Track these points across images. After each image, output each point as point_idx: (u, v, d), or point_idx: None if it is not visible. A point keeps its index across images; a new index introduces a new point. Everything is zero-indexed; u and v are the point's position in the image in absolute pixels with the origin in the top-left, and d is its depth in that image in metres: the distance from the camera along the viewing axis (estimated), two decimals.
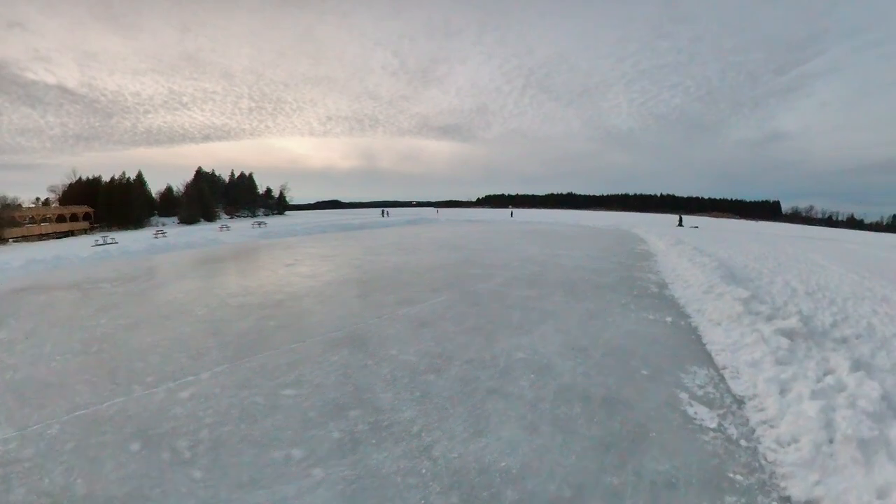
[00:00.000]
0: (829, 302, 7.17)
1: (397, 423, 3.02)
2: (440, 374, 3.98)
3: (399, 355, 4.36)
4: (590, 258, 11.27)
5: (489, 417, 3.25)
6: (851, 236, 29.53)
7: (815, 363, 4.36)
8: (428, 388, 3.66)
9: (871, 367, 4.76)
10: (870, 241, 24.47)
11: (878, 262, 12.72)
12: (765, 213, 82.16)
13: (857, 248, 16.94)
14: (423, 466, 2.55)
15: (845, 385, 3.90)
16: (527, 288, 7.65)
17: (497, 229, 21.60)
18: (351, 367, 3.99)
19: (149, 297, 6.96)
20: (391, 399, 3.41)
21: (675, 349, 4.86)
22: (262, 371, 3.85)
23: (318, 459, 2.58)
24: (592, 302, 6.72)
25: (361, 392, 3.49)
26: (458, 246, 13.91)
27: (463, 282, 8.15)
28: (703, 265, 8.96)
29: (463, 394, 3.61)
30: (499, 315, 6.05)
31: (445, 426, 3.03)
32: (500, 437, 2.95)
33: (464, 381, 3.91)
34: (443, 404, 3.39)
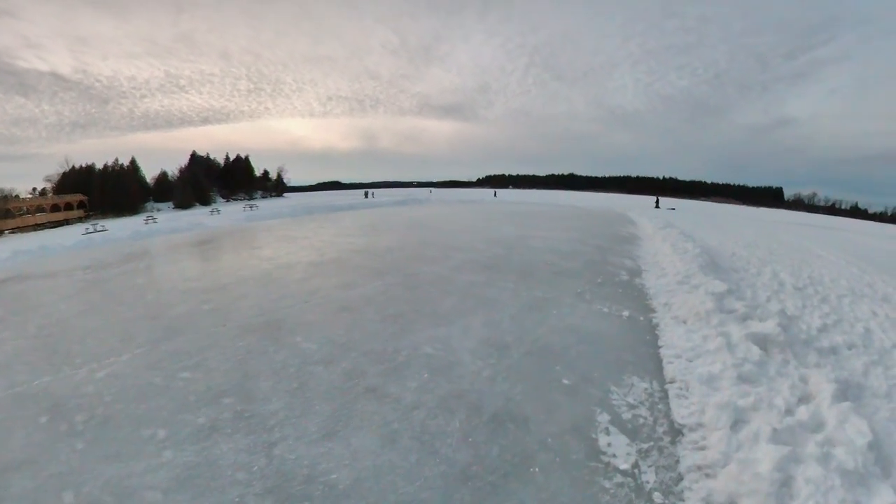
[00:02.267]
0: (821, 300, 6.01)
1: (259, 415, 2.81)
2: (329, 365, 3.51)
3: (302, 342, 3.91)
4: (565, 241, 10.11)
5: (350, 420, 2.77)
6: (854, 225, 27.59)
7: (788, 385, 3.29)
8: (308, 379, 3.26)
9: (861, 392, 3.68)
10: (873, 231, 22.70)
11: (881, 254, 11.37)
12: (767, 199, 78.56)
13: (858, 238, 15.45)
14: (257, 464, 2.37)
15: (823, 422, 2.84)
16: (479, 272, 6.60)
17: (484, 209, 20.33)
18: (252, 352, 3.73)
19: (112, 283, 6.62)
20: (268, 389, 3.13)
21: (620, 352, 3.82)
22: (173, 354, 3.74)
23: (175, 442, 2.55)
24: (544, 290, 5.66)
25: (246, 379, 3.27)
26: (432, 227, 12.84)
27: (414, 265, 7.17)
28: (685, 252, 7.78)
29: (339, 389, 3.13)
30: (430, 302, 5.09)
31: (301, 424, 2.72)
32: (348, 444, 2.51)
33: (348, 376, 3.32)
34: (312, 399, 3.00)
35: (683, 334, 4.10)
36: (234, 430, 2.65)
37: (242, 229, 13.86)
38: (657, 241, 10.68)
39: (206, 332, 4.24)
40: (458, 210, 20.18)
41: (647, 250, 9.33)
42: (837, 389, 3.24)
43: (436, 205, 25.77)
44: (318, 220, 16.20)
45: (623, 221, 15.55)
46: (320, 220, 16.18)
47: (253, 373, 3.36)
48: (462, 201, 30.02)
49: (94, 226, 22.64)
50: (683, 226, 13.61)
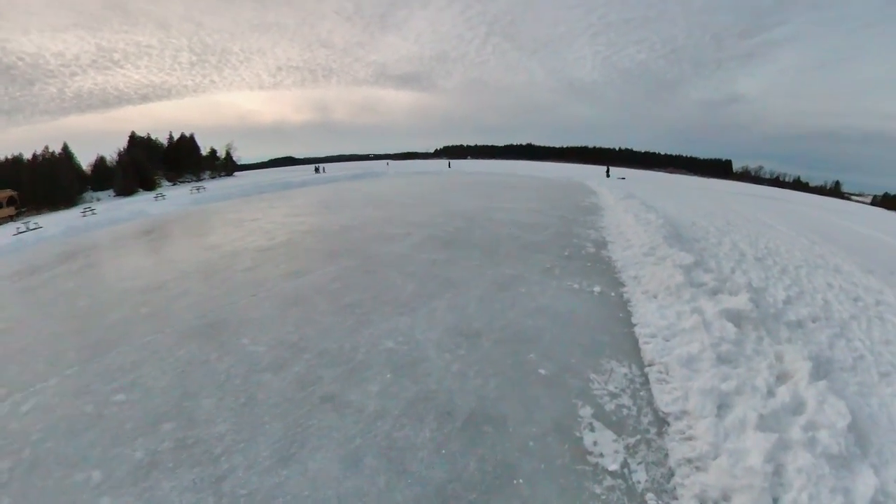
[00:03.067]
0: (781, 271, 6.22)
1: (203, 441, 2.49)
2: (280, 371, 3.13)
3: (248, 345, 3.56)
4: (529, 212, 9.96)
5: (306, 439, 2.45)
6: (796, 197, 29.94)
7: (766, 364, 3.25)
8: (257, 391, 2.92)
9: (831, 366, 3.77)
10: (815, 203, 24.72)
11: (825, 226, 12.22)
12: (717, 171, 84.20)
13: (803, 210, 16.65)
14: None
15: (803, 402, 2.81)
16: (440, 249, 6.25)
17: (443, 181, 19.86)
18: (193, 363, 3.34)
19: (41, 292, 5.89)
20: (212, 407, 2.78)
21: (595, 334, 3.64)
22: (106, 373, 3.31)
23: (112, 485, 2.24)
24: (511, 266, 5.41)
25: (187, 398, 2.90)
26: (390, 201, 12.32)
27: (370, 244, 6.71)
28: (649, 222, 7.83)
29: (292, 401, 2.79)
30: (389, 287, 4.70)
31: (251, 449, 2.41)
32: (305, 471, 2.22)
33: (302, 383, 2.95)
34: (262, 416, 2.66)
35: (656, 311, 3.99)
36: (177, 464, 2.35)
37: (188, 215, 12.92)
38: (619, 211, 10.77)
39: (142, 341, 3.80)
40: (416, 182, 19.58)
41: (610, 221, 9.36)
42: (814, 368, 3.26)
43: (393, 177, 24.95)
44: (269, 199, 15.21)
45: (584, 191, 15.68)
46: (271, 199, 15.20)
47: (194, 389, 2.99)
48: (420, 173, 29.26)
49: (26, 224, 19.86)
50: (642, 195, 13.92)
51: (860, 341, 4.51)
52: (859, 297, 5.78)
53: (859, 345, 4.42)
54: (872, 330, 4.87)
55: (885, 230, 13.91)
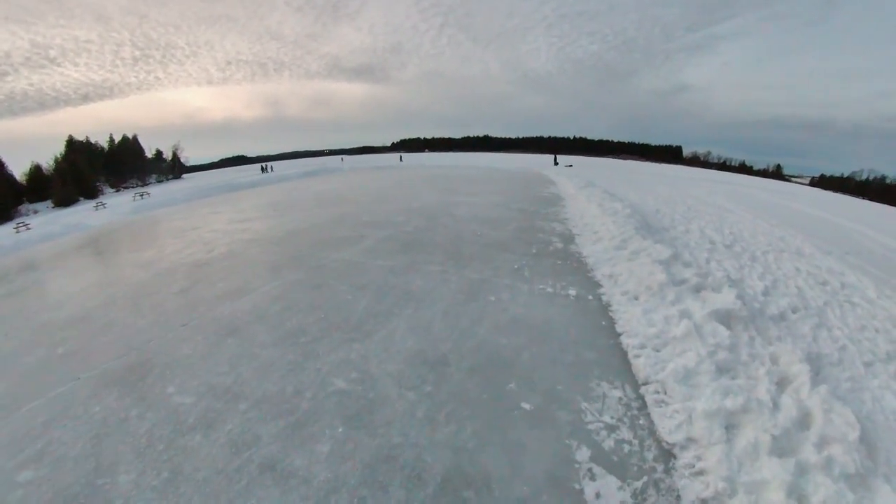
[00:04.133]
0: (751, 258, 6.26)
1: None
2: (211, 430, 2.60)
3: (174, 395, 2.99)
4: (490, 206, 9.64)
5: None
6: (743, 180, 31.93)
7: (765, 371, 3.05)
8: (183, 462, 2.38)
9: (820, 362, 3.67)
10: (761, 185, 26.35)
11: (777, 208, 12.83)
12: (668, 156, 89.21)
13: (752, 192, 17.56)
14: None
15: (810, 414, 2.62)
16: (399, 253, 5.75)
17: (400, 175, 19.26)
18: (110, 422, 2.78)
19: None
20: (130, 486, 2.23)
21: (579, 349, 3.31)
22: (12, 442, 2.70)
23: None
24: (477, 269, 5.01)
25: (101, 473, 2.35)
26: (344, 199, 11.62)
27: (319, 252, 6.10)
28: (615, 212, 7.72)
29: (224, 474, 2.27)
30: (340, 305, 4.16)
31: None
32: None
33: (236, 446, 2.41)
34: (190, 498, 2.12)
35: (641, 315, 3.73)
36: None
37: (126, 225, 11.80)
38: (581, 201, 10.72)
39: (55, 393, 3.20)
40: (373, 177, 18.83)
41: (573, 212, 9.23)
42: (812, 372, 3.11)
43: (349, 173, 23.96)
44: (215, 203, 14.09)
45: (542, 181, 15.65)
46: (217, 202, 14.09)
47: (111, 459, 2.47)
48: (377, 167, 28.39)
49: None
50: (602, 183, 14.05)
51: (839, 329, 4.51)
52: (826, 282, 5.89)
53: (839, 334, 4.41)
54: (846, 316, 4.92)
55: (829, 210, 14.87)
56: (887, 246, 9.67)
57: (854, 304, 5.36)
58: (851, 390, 3.54)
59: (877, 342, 4.48)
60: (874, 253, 8.46)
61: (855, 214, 14.92)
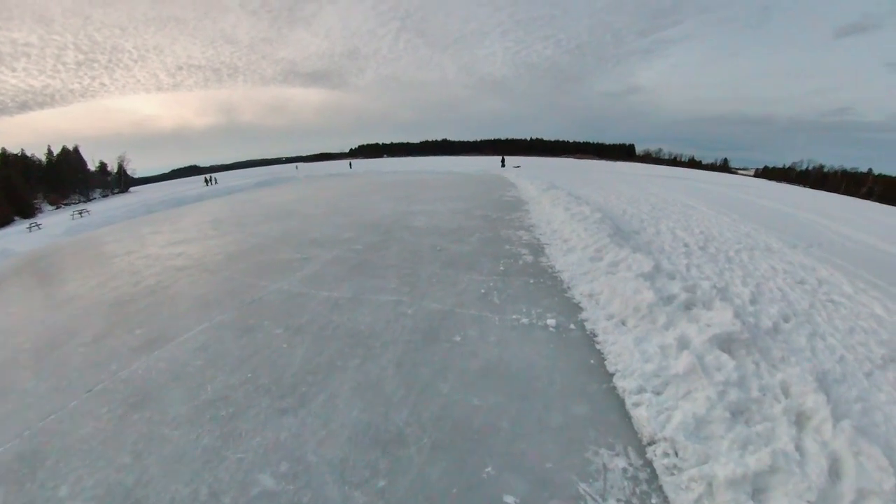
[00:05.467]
0: (727, 259, 5.97)
1: None
2: None
3: (67, 500, 2.24)
4: (450, 214, 9.05)
5: None
6: (695, 174, 33.14)
7: (781, 408, 2.60)
8: None
9: (826, 381, 3.29)
10: (712, 179, 27.34)
11: (733, 201, 12.99)
12: (622, 154, 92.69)
13: (707, 186, 17.95)
14: None
15: (841, 463, 2.20)
16: (346, 280, 5.01)
17: (356, 183, 18.37)
18: None
19: None
20: None
21: (567, 403, 2.71)
22: None
23: None
24: (438, 296, 4.36)
25: None
26: (292, 213, 10.68)
27: (256, 281, 5.29)
28: (584, 217, 7.30)
29: None
30: (271, 357, 3.40)
31: None
32: None
33: None
34: None
35: (633, 346, 3.20)
36: None
37: (56, 251, 10.38)
38: (545, 204, 10.33)
39: None
40: (327, 186, 17.81)
41: (539, 217, 8.80)
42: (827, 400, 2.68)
43: (303, 182, 22.73)
44: (156, 221, 12.75)
45: (503, 184, 15.27)
46: (158, 220, 12.74)
47: None
48: (333, 175, 27.20)
49: None
50: (563, 184, 13.81)
51: (832, 336, 4.21)
52: (803, 280, 5.67)
53: (833, 342, 4.10)
54: (833, 318, 4.66)
55: (779, 200, 15.29)
56: (844, 235, 9.86)
57: (836, 302, 5.14)
58: (863, 412, 3.20)
59: (869, 346, 4.21)
60: (835, 244, 8.51)
61: (804, 203, 15.48)
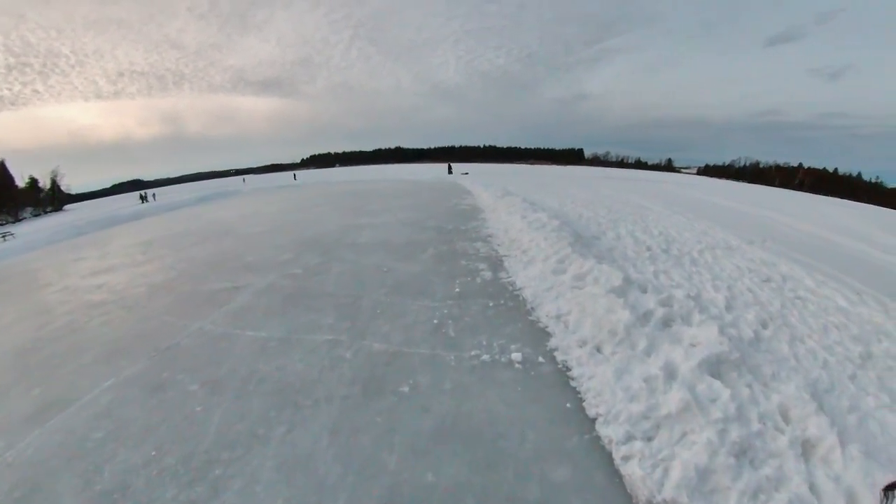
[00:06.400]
0: (692, 262, 5.77)
1: None
2: None
3: None
4: (401, 225, 8.47)
5: None
6: (642, 175, 34.39)
7: (787, 441, 2.27)
8: None
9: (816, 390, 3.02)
10: (659, 178, 28.37)
11: (683, 199, 13.23)
12: (572, 158, 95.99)
13: (656, 186, 18.42)
14: None
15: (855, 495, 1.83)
16: (277, 315, 4.30)
17: (303, 195, 17.38)
18: None
19: None
20: None
21: (545, 468, 2.19)
22: None
23: None
24: (383, 332, 3.76)
25: None
26: (231, 231, 9.66)
27: (177, 319, 4.49)
28: (542, 225, 6.95)
29: None
30: (183, 425, 2.70)
31: None
32: None
33: None
34: None
35: (614, 381, 2.75)
36: None
37: None
38: (502, 212, 9.98)
39: None
40: (273, 199, 16.64)
41: (495, 226, 8.40)
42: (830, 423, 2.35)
43: (248, 195, 21.20)
44: (83, 245, 11.14)
45: (457, 192, 14.89)
46: (86, 244, 11.14)
47: None
48: (282, 187, 25.76)
49: None
50: (517, 189, 13.59)
51: (810, 338, 4.00)
52: (769, 278, 5.55)
53: (813, 345, 3.88)
54: (806, 317, 4.48)
55: (725, 196, 15.83)
56: (790, 226, 10.16)
57: (803, 299, 5.01)
58: (858, 425, 2.96)
59: (845, 344, 4.03)
60: (787, 237, 8.66)
61: (748, 198, 16.14)
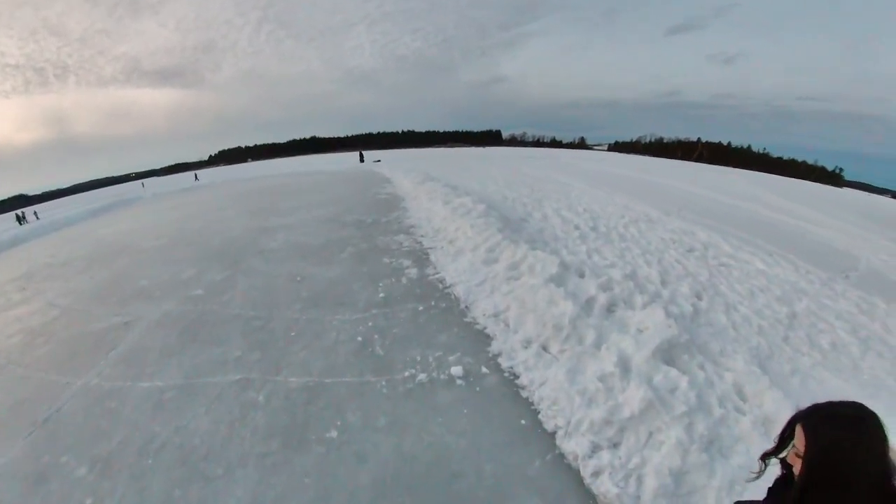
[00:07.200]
0: (620, 237, 5.78)
1: None
2: None
3: None
4: (317, 224, 7.72)
5: None
6: (557, 153, 35.79)
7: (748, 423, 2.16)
8: None
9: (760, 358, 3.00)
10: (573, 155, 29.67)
11: (599, 174, 13.71)
12: (490, 140, 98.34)
13: (572, 162, 19.10)
14: None
15: None
16: (176, 352, 3.49)
17: (210, 197, 15.42)
18: None
19: None
20: None
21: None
22: None
23: None
24: (300, 362, 3.16)
25: None
26: (126, 248, 7.85)
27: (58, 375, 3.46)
28: (467, 211, 6.64)
29: None
30: None
31: None
32: None
33: None
34: None
35: (567, 383, 2.46)
36: None
37: None
38: (423, 199, 9.55)
39: None
40: (176, 205, 14.45)
41: (418, 215, 7.95)
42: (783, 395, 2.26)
43: (149, 202, 18.36)
44: None
45: (376, 180, 14.20)
46: None
47: None
48: (186, 189, 22.86)
49: None
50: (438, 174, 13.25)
51: (741, 305, 4.07)
52: (692, 247, 5.70)
53: (746, 311, 3.95)
54: (733, 284, 4.61)
55: (636, 169, 16.74)
56: (700, 195, 10.87)
57: (727, 266, 5.18)
58: (801, 387, 3.03)
59: (772, 307, 4.16)
60: (697, 205, 9.19)
61: (656, 170, 17.25)
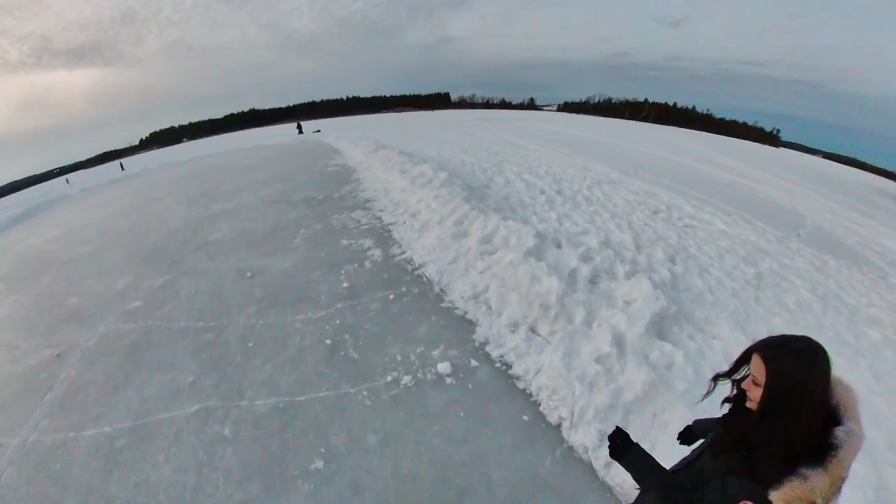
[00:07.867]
0: (587, 201, 5.68)
1: None
2: None
3: None
4: (264, 206, 7.09)
5: None
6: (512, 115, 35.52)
7: None
8: None
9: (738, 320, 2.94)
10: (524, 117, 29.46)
11: (553, 136, 13.62)
12: (439, 103, 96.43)
13: (525, 124, 18.90)
14: None
15: None
16: (120, 384, 2.96)
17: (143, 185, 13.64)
18: None
19: None
20: None
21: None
22: None
23: None
24: (265, 377, 2.80)
25: None
26: (49, 261, 6.54)
27: None
28: (428, 180, 6.30)
29: None
30: None
31: None
32: None
33: None
34: None
35: (564, 369, 2.29)
36: None
37: None
38: (378, 170, 9.04)
39: None
40: (105, 200, 12.69)
41: (373, 187, 7.50)
42: None
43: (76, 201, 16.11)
44: None
45: (324, 151, 13.37)
46: None
47: None
48: (116, 181, 20.42)
49: None
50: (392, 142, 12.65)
51: (713, 268, 4.08)
52: (657, 209, 5.70)
53: (719, 273, 3.96)
54: (701, 245, 4.63)
55: (588, 130, 16.79)
56: (654, 155, 11.02)
57: (692, 227, 5.21)
58: None
59: (741, 268, 4.21)
60: (651, 164, 9.29)
61: (606, 130, 17.40)
